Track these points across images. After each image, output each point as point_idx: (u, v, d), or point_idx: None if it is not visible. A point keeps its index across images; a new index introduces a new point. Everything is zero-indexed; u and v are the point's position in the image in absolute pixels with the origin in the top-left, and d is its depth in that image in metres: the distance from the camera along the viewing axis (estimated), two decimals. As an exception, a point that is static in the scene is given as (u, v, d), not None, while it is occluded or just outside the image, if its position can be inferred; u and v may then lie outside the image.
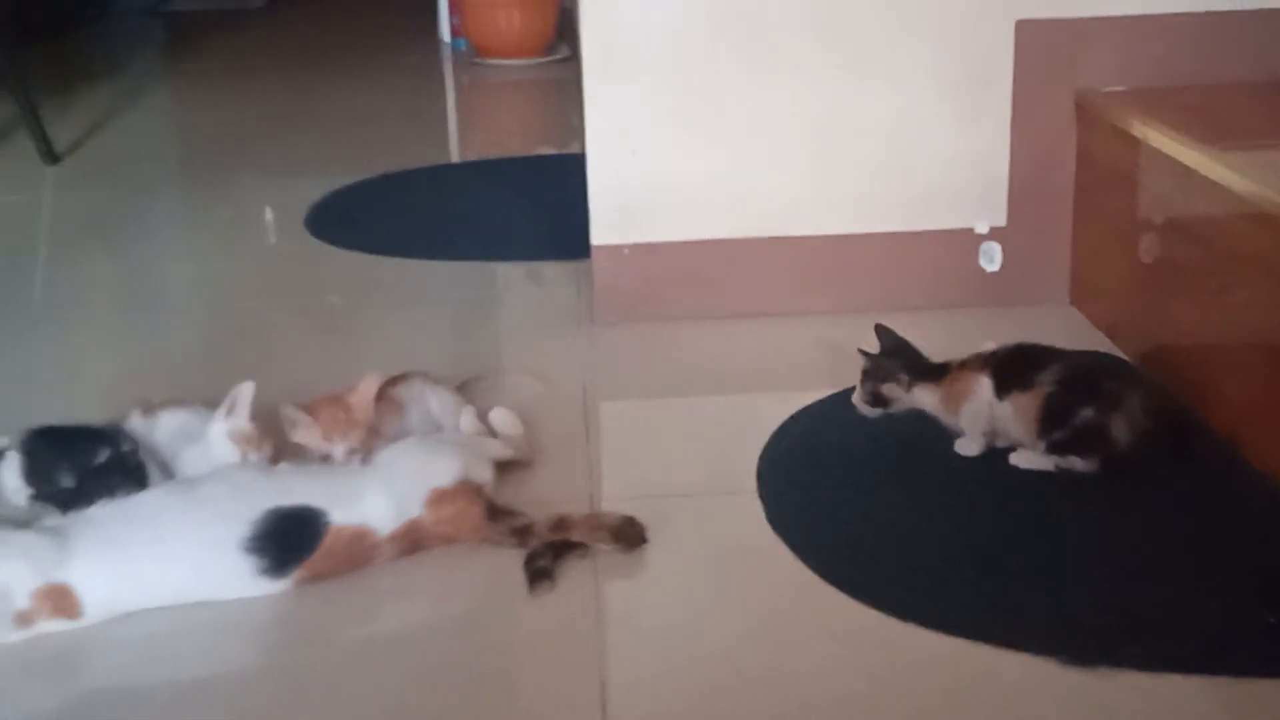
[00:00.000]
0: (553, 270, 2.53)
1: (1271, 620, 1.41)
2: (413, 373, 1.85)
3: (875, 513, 1.66)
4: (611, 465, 1.82)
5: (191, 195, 3.29)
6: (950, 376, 1.78)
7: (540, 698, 1.36)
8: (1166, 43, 2.17)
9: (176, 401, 1.79)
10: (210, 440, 1.69)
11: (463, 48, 4.80)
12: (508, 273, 2.57)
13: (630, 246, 2.24)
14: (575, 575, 1.53)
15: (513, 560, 1.54)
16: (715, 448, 1.85)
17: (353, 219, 2.92)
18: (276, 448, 1.69)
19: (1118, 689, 1.33)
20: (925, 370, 1.79)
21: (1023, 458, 1.74)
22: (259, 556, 1.50)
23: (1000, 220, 2.24)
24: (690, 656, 1.41)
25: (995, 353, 1.78)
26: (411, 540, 1.56)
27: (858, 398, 1.81)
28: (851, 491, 1.72)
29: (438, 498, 1.57)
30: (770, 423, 1.87)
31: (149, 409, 1.77)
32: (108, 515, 1.52)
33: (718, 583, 1.54)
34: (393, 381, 1.81)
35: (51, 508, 1.60)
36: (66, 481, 1.61)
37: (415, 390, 1.81)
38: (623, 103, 2.19)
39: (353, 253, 2.68)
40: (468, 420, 1.80)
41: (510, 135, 3.83)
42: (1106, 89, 2.18)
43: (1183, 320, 1.94)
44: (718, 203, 2.23)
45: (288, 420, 1.68)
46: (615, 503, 1.67)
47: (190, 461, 1.69)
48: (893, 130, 2.21)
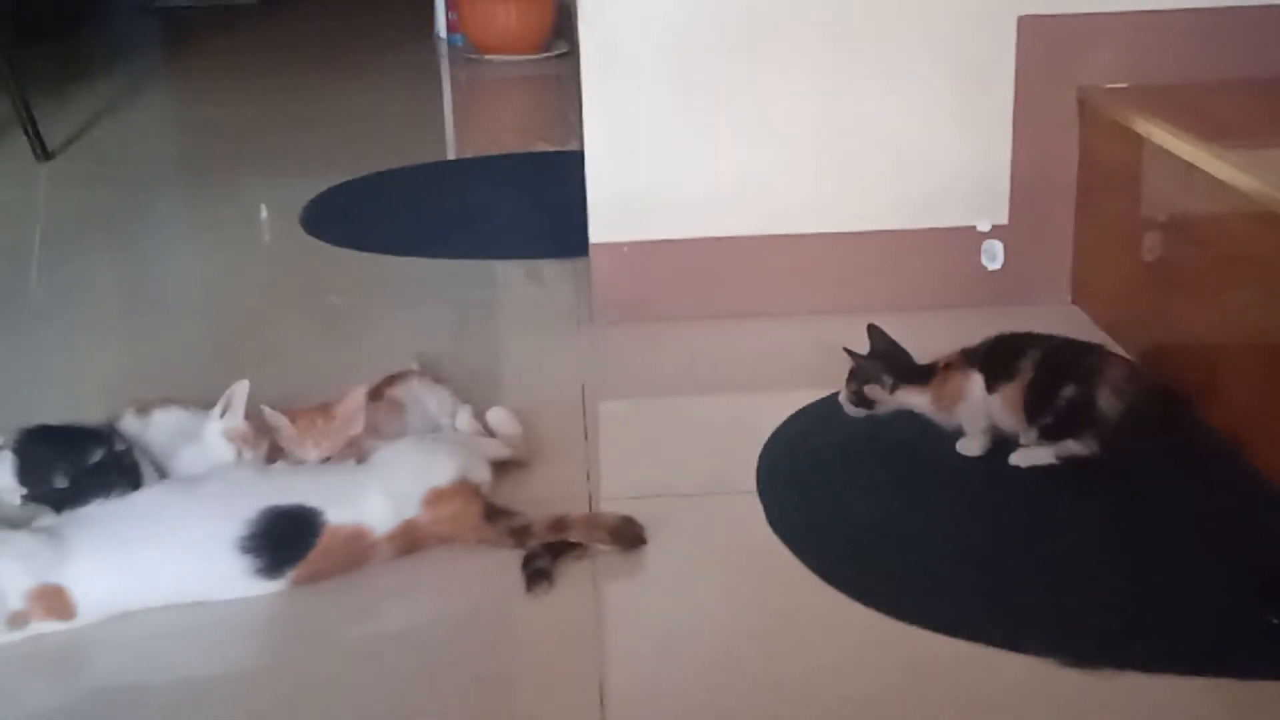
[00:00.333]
0: (551, 268, 2.52)
1: (1273, 620, 1.40)
2: (410, 372, 1.85)
3: (875, 513, 1.66)
4: (610, 465, 1.81)
5: (186, 193, 3.28)
6: (939, 377, 1.77)
7: (539, 698, 1.35)
8: (1169, 39, 2.17)
9: (170, 401, 1.78)
10: (206, 439, 1.68)
11: (460, 44, 4.79)
12: (506, 271, 2.56)
13: (629, 244, 2.23)
14: (573, 576, 1.52)
15: (511, 560, 1.54)
16: (715, 448, 1.84)
17: (349, 217, 2.91)
18: (272, 447, 1.68)
19: (1119, 690, 1.33)
20: (911, 372, 1.78)
21: (1022, 456, 1.73)
22: (255, 556, 1.49)
23: (1002, 218, 2.24)
24: (689, 657, 1.40)
25: (977, 348, 1.77)
26: (409, 540, 1.55)
27: (844, 397, 1.81)
28: (851, 492, 1.71)
29: (435, 497, 1.56)
30: (770, 422, 1.86)
31: (143, 408, 1.76)
32: (102, 515, 1.51)
33: (717, 583, 1.53)
34: (390, 382, 1.80)
35: (45, 508, 1.60)
36: (60, 481, 1.60)
37: (413, 390, 1.80)
38: (622, 99, 2.18)
39: (348, 251, 2.67)
40: (465, 419, 1.79)
41: (508, 132, 3.82)
42: (1109, 86, 2.17)
43: (1185, 319, 1.93)
44: (717, 201, 2.22)
45: (270, 425, 1.67)
46: (614, 503, 1.66)
47: (185, 461, 1.68)
48: (894, 127, 2.20)
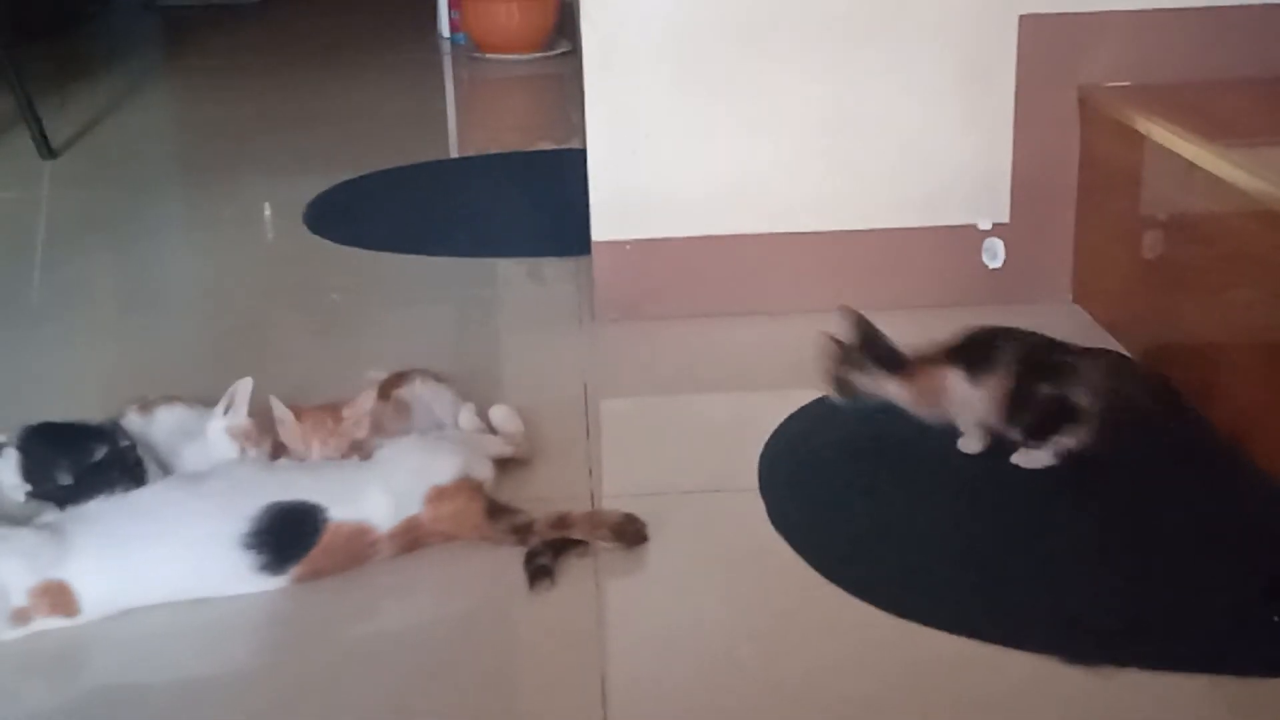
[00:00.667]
0: (553, 267, 2.52)
1: (1276, 619, 1.40)
2: (414, 371, 1.85)
3: (877, 511, 1.66)
4: (612, 463, 1.81)
5: (189, 192, 3.29)
6: (915, 371, 1.76)
7: (541, 696, 1.36)
8: (1171, 38, 2.17)
9: (173, 398, 1.78)
10: (209, 437, 1.68)
11: (462, 42, 4.79)
12: (508, 269, 2.57)
13: (631, 242, 2.23)
14: (575, 573, 1.52)
15: (513, 558, 1.54)
16: (717, 445, 1.85)
17: (352, 215, 2.91)
18: (275, 444, 1.68)
19: (1120, 688, 1.33)
20: (890, 361, 1.77)
21: (1024, 457, 1.73)
22: (257, 552, 1.49)
23: (1003, 217, 2.24)
24: (691, 655, 1.40)
25: (954, 343, 1.76)
26: (411, 537, 1.55)
27: (827, 384, 1.80)
28: (853, 490, 1.71)
29: (437, 495, 1.56)
30: (772, 420, 1.86)
31: (146, 406, 1.76)
32: (105, 512, 1.51)
33: (719, 581, 1.53)
34: (396, 381, 1.80)
35: (49, 505, 1.60)
36: (64, 479, 1.60)
37: (417, 389, 1.80)
38: (624, 98, 2.18)
39: (351, 249, 2.67)
40: (467, 417, 1.79)
41: (510, 131, 3.82)
42: (1110, 84, 2.17)
43: (1186, 317, 1.93)
44: (719, 199, 2.22)
45: (275, 417, 1.67)
46: (616, 500, 1.67)
47: (189, 458, 1.68)
48: (895, 126, 2.20)
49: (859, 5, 2.15)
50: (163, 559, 1.48)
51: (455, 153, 3.64)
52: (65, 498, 1.58)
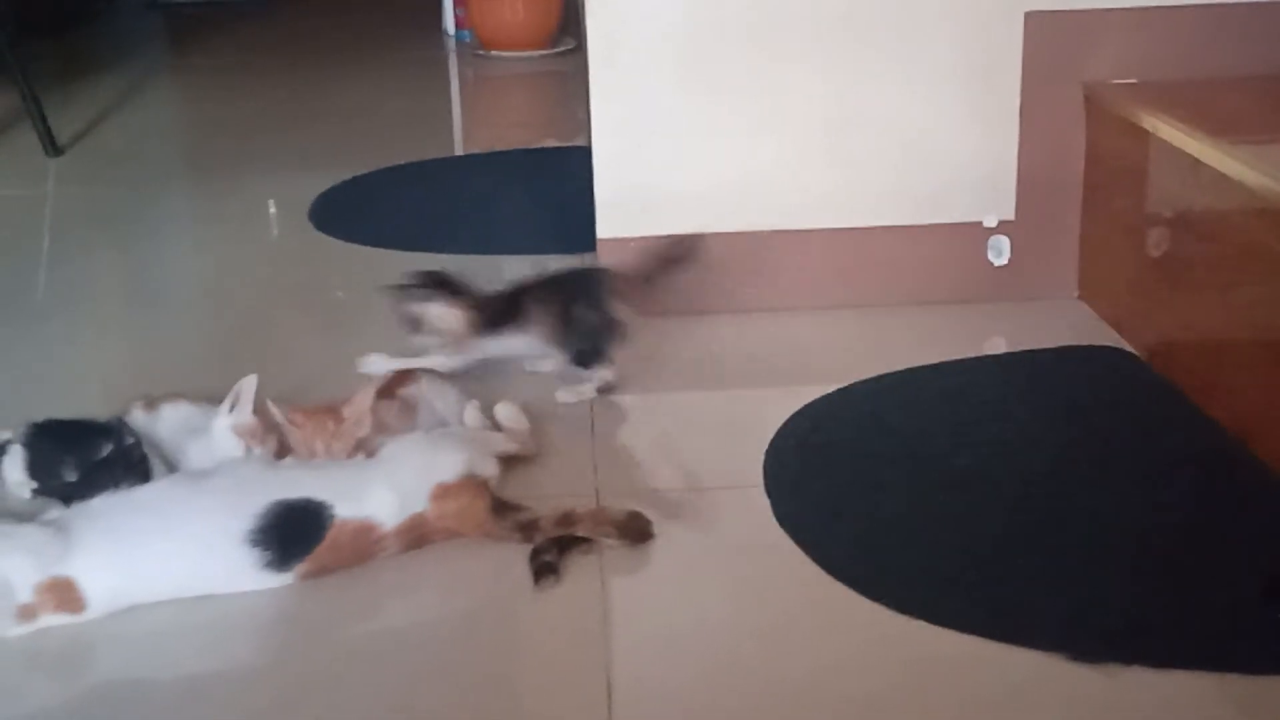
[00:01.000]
0: (558, 264, 2.51)
1: (1278, 616, 1.40)
2: (419, 369, 1.85)
3: (883, 509, 1.66)
4: (617, 460, 1.81)
5: (194, 189, 3.29)
6: (477, 303, 1.94)
7: (546, 693, 1.36)
8: (1177, 35, 2.16)
9: (178, 395, 1.78)
10: (214, 435, 1.68)
11: (467, 39, 4.79)
12: (513, 266, 2.56)
13: (636, 239, 2.23)
14: (581, 570, 1.53)
15: (517, 555, 1.54)
16: (722, 442, 1.85)
17: (357, 213, 2.91)
18: (280, 442, 1.68)
19: (1126, 686, 1.32)
20: (453, 291, 1.94)
21: (569, 393, 1.91)
22: (263, 550, 1.49)
23: (1009, 214, 2.23)
24: (696, 652, 1.40)
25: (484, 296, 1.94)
26: (416, 535, 1.55)
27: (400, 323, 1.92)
28: (859, 487, 1.71)
29: (442, 492, 1.56)
30: (777, 418, 1.86)
31: (151, 403, 1.77)
32: (111, 508, 1.52)
33: (724, 578, 1.54)
34: (401, 380, 1.80)
35: (54, 501, 1.60)
36: (69, 475, 1.61)
37: (422, 389, 1.80)
38: (629, 95, 2.18)
39: (357, 246, 2.67)
40: (472, 414, 1.79)
41: (515, 128, 3.81)
42: (1116, 81, 2.17)
43: (1192, 315, 1.93)
44: (723, 196, 2.22)
45: (278, 420, 1.67)
46: (621, 498, 1.66)
47: (194, 455, 1.68)
48: (901, 123, 2.20)
49: (864, 2, 2.14)
50: (168, 556, 1.48)
51: (460, 150, 3.64)
52: (71, 494, 1.59)
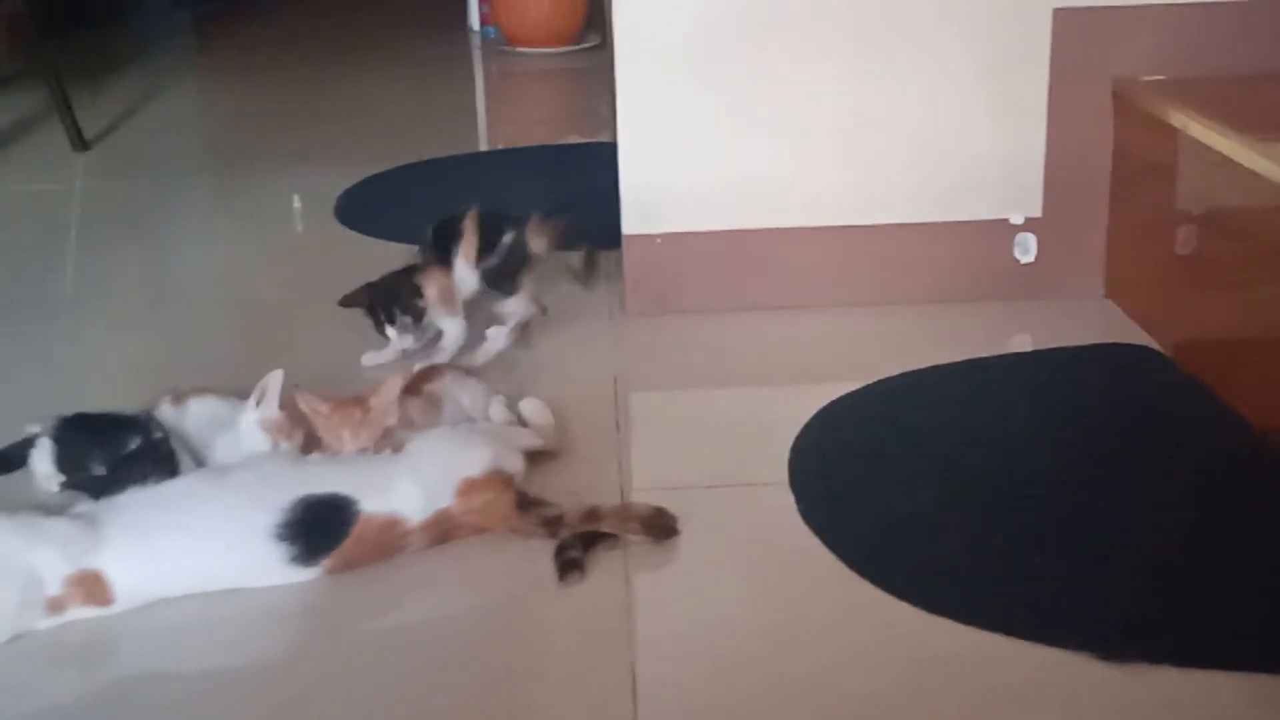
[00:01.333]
0: (578, 260, 2.51)
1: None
2: (445, 365, 1.85)
3: (908, 506, 1.65)
4: (641, 456, 1.81)
5: (220, 184, 3.30)
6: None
7: (570, 688, 1.36)
8: (1206, 31, 2.15)
9: (206, 390, 1.79)
10: (241, 429, 1.69)
11: (492, 36, 4.80)
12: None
13: (662, 236, 2.23)
14: (605, 566, 1.53)
15: (542, 551, 1.54)
16: (746, 439, 1.84)
17: (382, 208, 2.92)
18: (307, 436, 1.69)
19: (1152, 685, 1.32)
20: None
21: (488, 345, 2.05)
22: (290, 544, 1.50)
23: (1035, 211, 2.23)
24: (720, 648, 1.40)
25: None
26: (441, 530, 1.56)
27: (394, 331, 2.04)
28: (883, 484, 1.70)
29: (468, 487, 1.57)
30: (801, 415, 1.86)
31: (179, 397, 1.77)
32: (139, 502, 1.53)
33: (749, 575, 1.53)
34: (426, 376, 1.80)
35: (83, 495, 1.61)
36: (97, 469, 1.61)
37: (448, 385, 1.81)
38: (654, 92, 2.18)
39: (382, 241, 2.67)
40: (498, 410, 1.79)
41: (539, 124, 3.82)
42: (1144, 78, 2.16)
43: (1220, 313, 1.92)
44: (750, 193, 2.22)
45: (305, 410, 1.67)
46: (645, 494, 1.66)
47: (221, 450, 1.69)
48: (928, 120, 2.19)
49: (892, 0, 2.14)
50: (195, 550, 1.49)
51: (485, 146, 3.64)
52: (99, 488, 1.59)
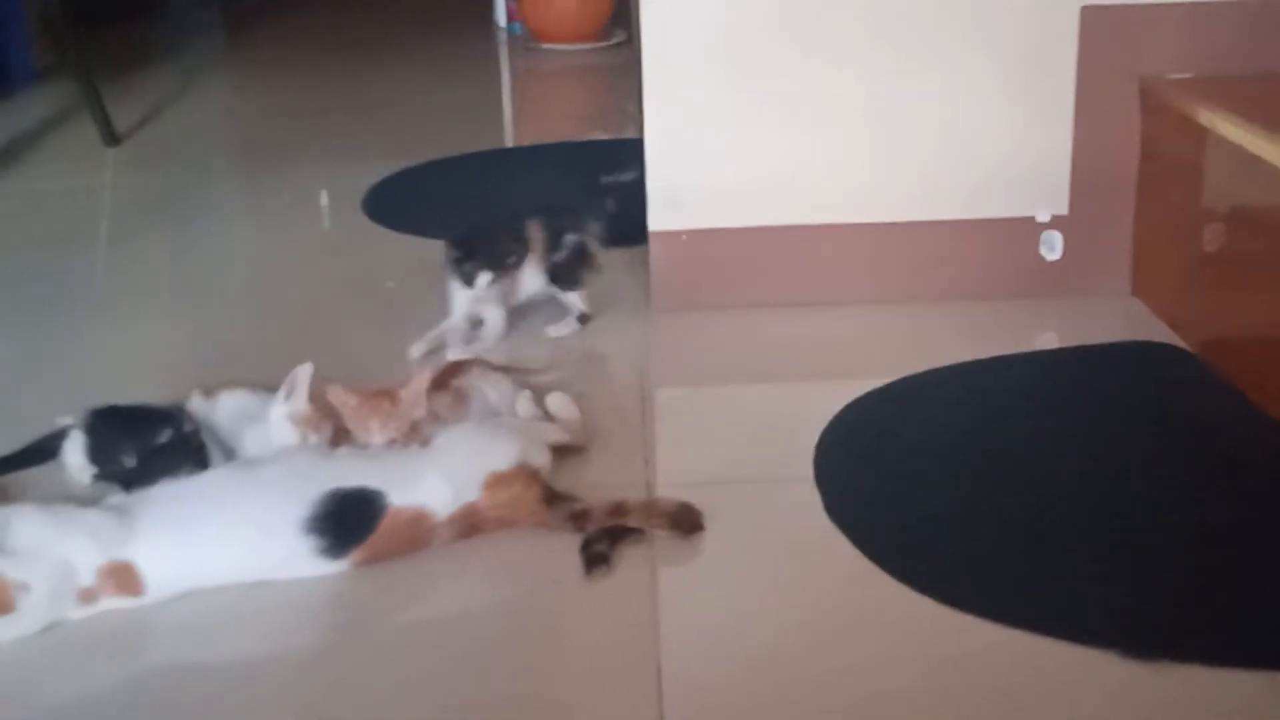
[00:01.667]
0: (609, 256, 2.52)
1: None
2: (471, 360, 1.86)
3: (933, 502, 1.65)
4: (668, 451, 1.82)
5: (249, 179, 3.32)
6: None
7: (595, 682, 1.36)
8: (1234, 29, 2.14)
9: (236, 383, 1.80)
10: (270, 422, 1.70)
11: (519, 32, 4.80)
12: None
13: (688, 232, 2.23)
14: (631, 561, 1.53)
15: (568, 545, 1.55)
16: (772, 435, 1.85)
17: (410, 203, 2.94)
18: (336, 430, 1.70)
19: (1179, 683, 1.32)
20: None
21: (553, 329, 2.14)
22: (319, 537, 1.51)
23: (1062, 209, 2.22)
24: (746, 644, 1.40)
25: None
26: (469, 523, 1.57)
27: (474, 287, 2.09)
28: (909, 480, 1.71)
29: (495, 481, 1.58)
30: (827, 411, 1.86)
31: (209, 390, 1.78)
32: (170, 494, 1.54)
33: (775, 570, 1.54)
34: (454, 370, 1.81)
35: (115, 486, 1.62)
36: (129, 461, 1.63)
37: (475, 380, 1.82)
38: (681, 88, 2.18)
39: (409, 237, 2.69)
40: (525, 405, 1.80)
41: (565, 120, 3.83)
42: (1172, 76, 2.15)
43: (1247, 311, 1.91)
44: (778, 189, 2.22)
45: (334, 401, 1.69)
46: (671, 489, 1.67)
47: (251, 443, 1.70)
48: (954, 117, 2.19)
49: (921, -4, 2.14)
50: (226, 541, 1.50)
51: (511, 142, 3.65)
52: (130, 480, 1.61)
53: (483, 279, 2.08)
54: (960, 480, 1.70)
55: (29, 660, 1.41)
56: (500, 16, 4.95)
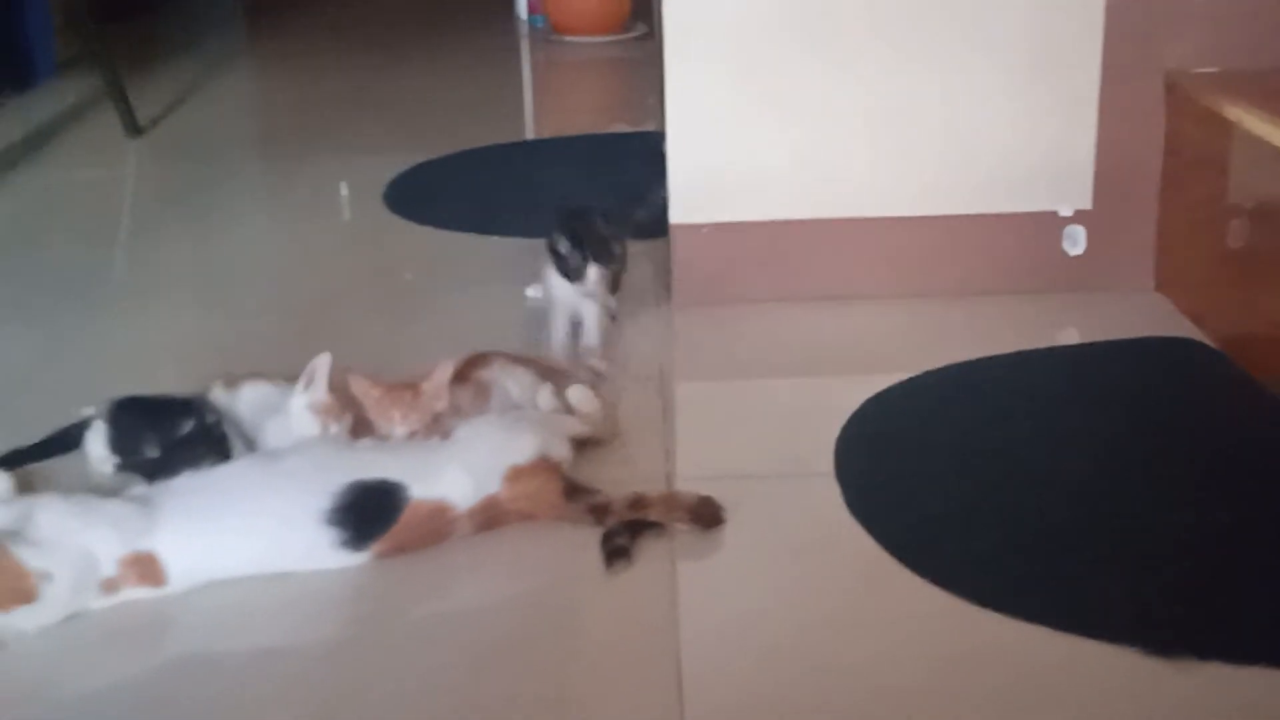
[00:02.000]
0: (629, 249, 2.52)
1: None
2: (493, 353, 1.86)
3: (954, 497, 1.65)
4: (688, 445, 1.82)
5: (271, 170, 3.33)
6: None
7: (615, 676, 1.36)
8: (1261, 23, 2.13)
9: (258, 374, 1.80)
10: (291, 413, 1.70)
11: (540, 25, 4.80)
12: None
13: (710, 226, 2.23)
14: (651, 555, 1.53)
15: (589, 538, 1.55)
16: (792, 430, 1.84)
17: (431, 195, 2.94)
18: (357, 420, 1.70)
19: (1201, 681, 1.31)
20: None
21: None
22: (340, 528, 1.51)
23: (1085, 203, 2.21)
24: (766, 638, 1.40)
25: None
26: (489, 516, 1.57)
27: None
28: (930, 476, 1.70)
29: (516, 474, 1.58)
30: (848, 405, 1.86)
31: (231, 381, 1.79)
32: (192, 485, 1.54)
33: (795, 565, 1.54)
34: (475, 363, 1.81)
35: (137, 477, 1.63)
36: (151, 451, 1.63)
37: (496, 372, 1.82)
38: (703, 81, 2.18)
39: (430, 229, 2.69)
40: (546, 397, 1.80)
41: (586, 113, 3.83)
42: (1197, 70, 2.14)
43: (1272, 307, 1.90)
44: (799, 183, 2.22)
45: (356, 392, 1.69)
46: (692, 483, 1.67)
47: (272, 434, 1.71)
48: (978, 111, 2.18)
49: (947, -11, 2.14)
50: (248, 533, 1.51)
51: (532, 134, 3.65)
52: (152, 470, 1.61)
53: (593, 272, 1.99)
54: (982, 475, 1.70)
55: (51, 650, 1.41)
56: (521, 9, 4.95)
